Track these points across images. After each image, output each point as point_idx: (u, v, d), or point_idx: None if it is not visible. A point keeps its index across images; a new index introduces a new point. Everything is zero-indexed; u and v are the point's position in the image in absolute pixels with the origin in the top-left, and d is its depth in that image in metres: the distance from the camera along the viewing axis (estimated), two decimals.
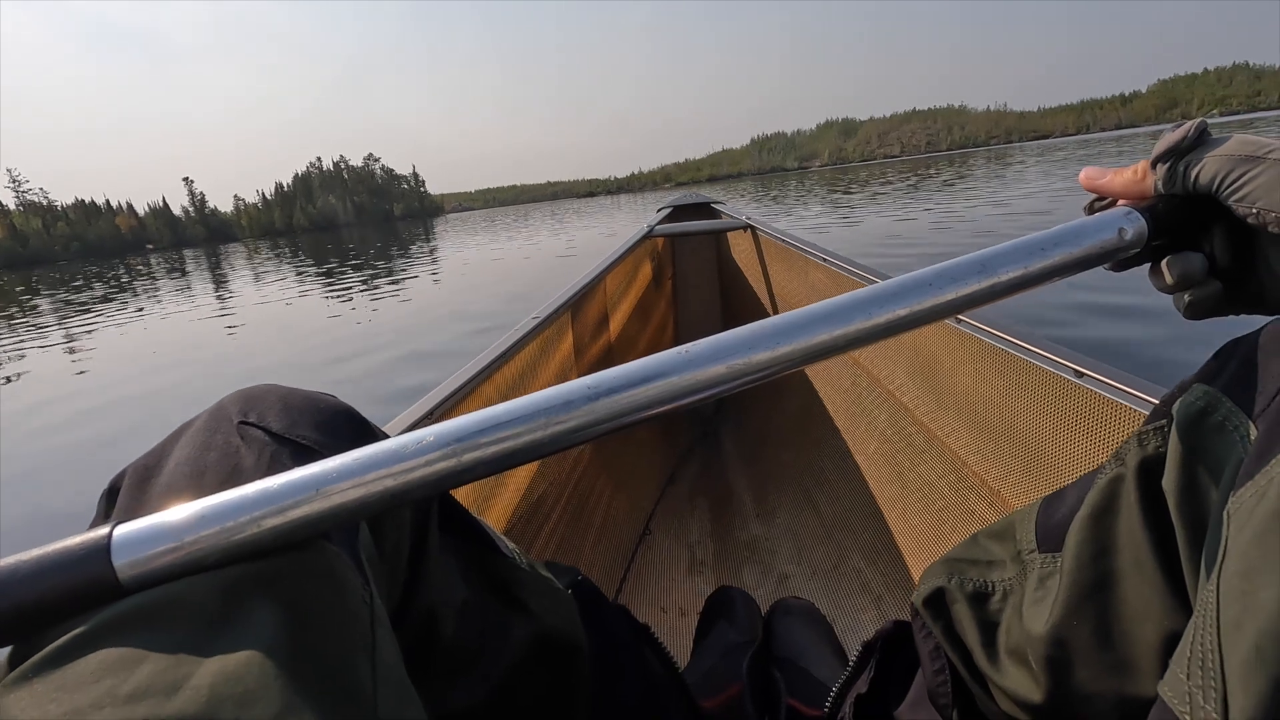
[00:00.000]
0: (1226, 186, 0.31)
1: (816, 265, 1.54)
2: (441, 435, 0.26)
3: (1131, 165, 0.36)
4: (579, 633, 0.45)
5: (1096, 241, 0.32)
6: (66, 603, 0.23)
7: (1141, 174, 0.36)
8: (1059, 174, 14.22)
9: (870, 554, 1.13)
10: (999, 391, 0.80)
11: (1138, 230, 0.33)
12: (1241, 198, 0.31)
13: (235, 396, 0.33)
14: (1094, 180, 0.38)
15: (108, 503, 0.30)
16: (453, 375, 0.79)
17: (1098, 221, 0.33)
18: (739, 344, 0.29)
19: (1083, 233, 0.32)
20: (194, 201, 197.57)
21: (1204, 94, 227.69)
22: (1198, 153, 0.33)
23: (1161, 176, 0.34)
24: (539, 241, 14.25)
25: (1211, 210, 0.33)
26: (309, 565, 0.26)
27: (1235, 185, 0.31)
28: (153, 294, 12.76)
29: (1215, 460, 0.29)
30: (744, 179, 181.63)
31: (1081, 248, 0.32)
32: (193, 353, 5.60)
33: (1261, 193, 0.30)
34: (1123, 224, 0.33)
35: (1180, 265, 0.34)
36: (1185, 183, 0.33)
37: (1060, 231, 0.32)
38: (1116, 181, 0.37)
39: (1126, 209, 0.34)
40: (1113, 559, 0.35)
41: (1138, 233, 0.33)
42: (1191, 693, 0.23)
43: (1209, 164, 0.32)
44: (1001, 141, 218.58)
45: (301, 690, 0.22)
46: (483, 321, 5.18)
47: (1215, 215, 0.33)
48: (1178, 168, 0.33)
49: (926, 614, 0.46)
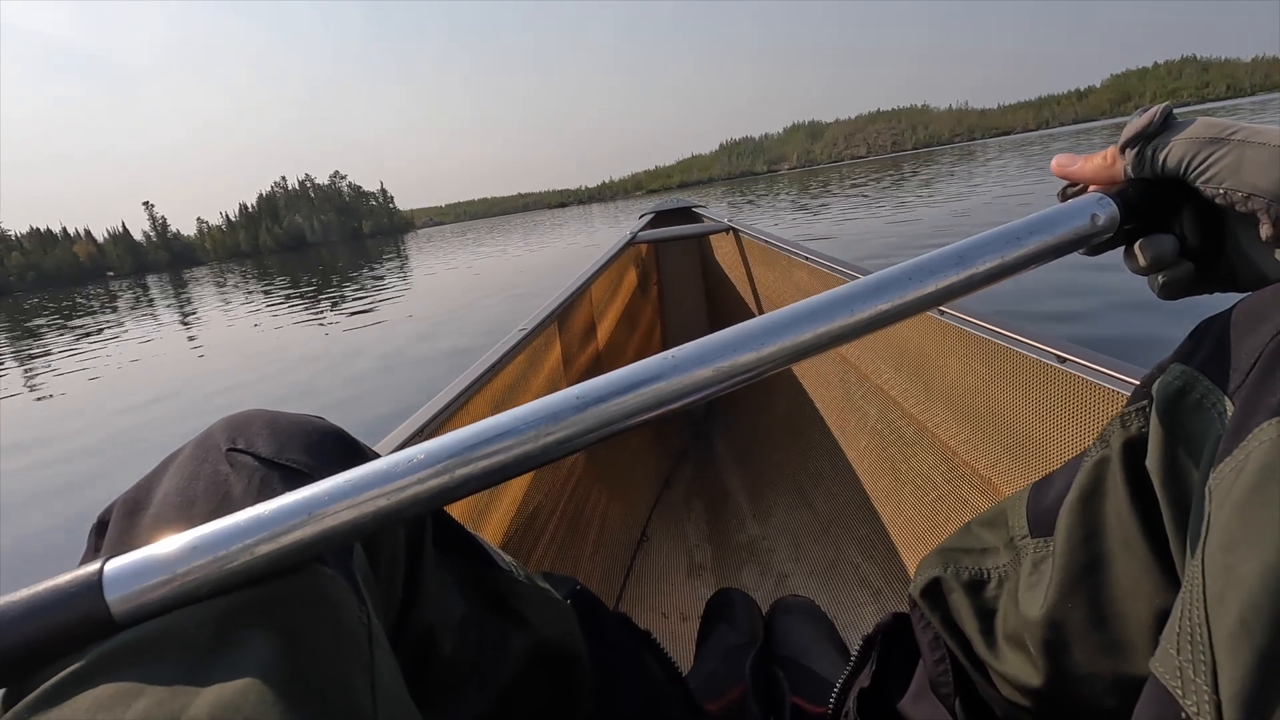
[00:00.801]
0: (1194, 169, 0.32)
1: (800, 264, 1.55)
2: (432, 453, 0.26)
3: (1101, 151, 0.37)
4: (578, 643, 0.45)
5: (1070, 228, 0.33)
6: (59, 641, 0.23)
7: (1111, 159, 0.36)
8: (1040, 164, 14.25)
9: (867, 548, 1.14)
10: (985, 380, 0.81)
11: (1109, 215, 0.33)
12: (1208, 179, 0.31)
13: (222, 423, 0.33)
14: (1065, 167, 0.39)
15: (97, 536, 0.29)
16: (442, 391, 0.79)
17: (1070, 208, 0.34)
18: (724, 346, 0.29)
19: (1056, 220, 0.33)
20: (155, 226, 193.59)
21: (1155, 87, 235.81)
22: (1164, 137, 0.33)
23: (1130, 161, 0.35)
24: (518, 255, 14.13)
25: (1180, 192, 0.34)
26: (303, 589, 0.25)
27: (1202, 167, 0.32)
28: (117, 324, 12.45)
29: (1195, 438, 0.29)
30: (714, 184, 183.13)
31: (1056, 235, 0.33)
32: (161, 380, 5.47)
33: (1227, 173, 0.31)
34: (1095, 210, 0.33)
35: (1152, 248, 0.35)
36: (1154, 166, 0.34)
37: (1035, 220, 0.33)
38: (1087, 168, 0.37)
39: (1098, 195, 0.34)
40: (1102, 541, 0.35)
41: (1110, 218, 0.33)
42: (1182, 667, 0.23)
43: (1175, 147, 0.32)
44: (965, 139, 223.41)
45: (301, 715, 0.21)
46: (461, 340, 5.10)
47: (1184, 197, 0.34)
48: (1145, 152, 0.34)
49: (924, 605, 0.46)
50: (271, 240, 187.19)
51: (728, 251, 2.19)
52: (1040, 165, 13.87)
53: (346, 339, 6.12)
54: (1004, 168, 14.95)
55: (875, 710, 0.51)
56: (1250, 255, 0.33)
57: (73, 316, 15.13)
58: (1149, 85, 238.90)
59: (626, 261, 2.06)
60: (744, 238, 2.03)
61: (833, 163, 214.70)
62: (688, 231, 2.20)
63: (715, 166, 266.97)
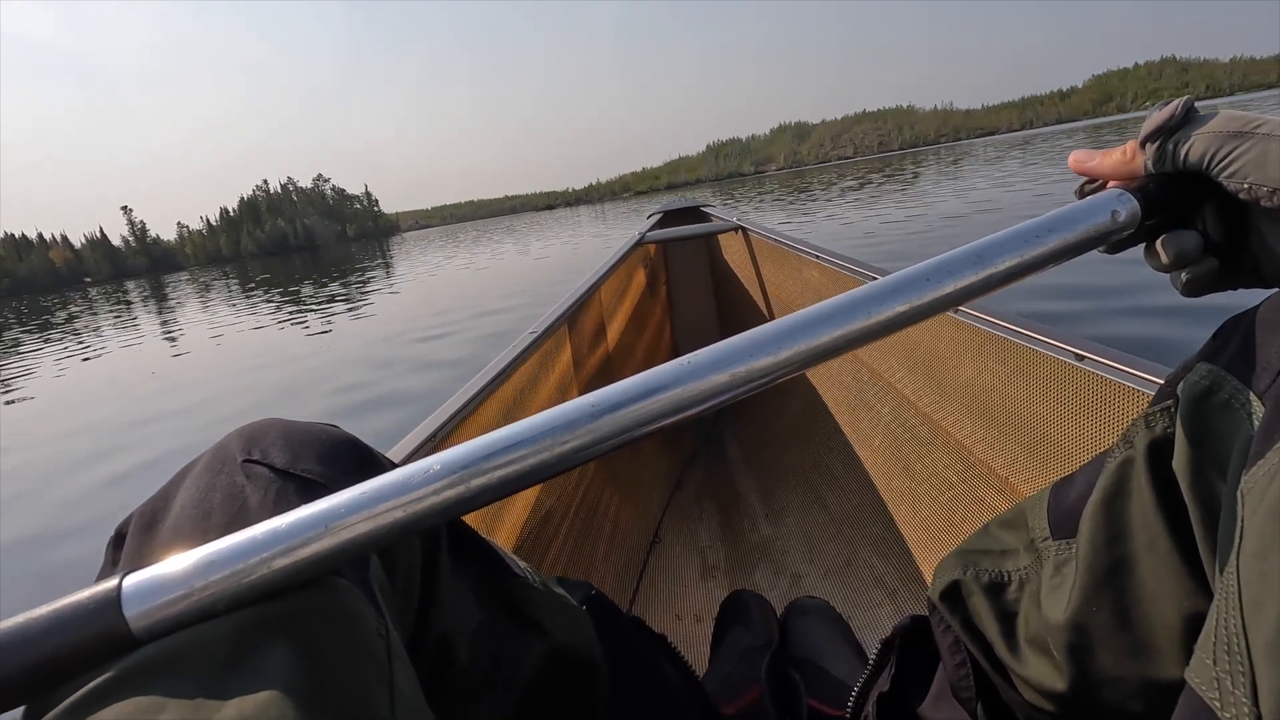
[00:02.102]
0: (1216, 163, 0.31)
1: (810, 263, 1.54)
2: (448, 463, 0.26)
3: (1120, 146, 0.36)
4: (594, 648, 0.45)
5: (1090, 225, 0.32)
6: (79, 658, 0.23)
7: (1130, 154, 0.35)
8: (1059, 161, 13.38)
9: (882, 549, 1.13)
10: (1001, 379, 0.80)
11: (1130, 211, 0.33)
12: (1231, 174, 0.31)
13: (237, 434, 0.33)
14: (1083, 163, 0.38)
15: (114, 549, 0.29)
16: (455, 394, 0.78)
17: (1090, 205, 0.33)
18: (741, 351, 0.28)
19: (1076, 217, 0.32)
20: (134, 231, 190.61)
21: (1136, 87, 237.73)
22: (1185, 130, 0.32)
23: (1151, 156, 0.34)
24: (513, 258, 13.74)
25: (1203, 187, 0.33)
26: (320, 603, 0.25)
27: (1224, 162, 0.31)
28: (94, 329, 12.17)
29: (1224, 439, 0.29)
30: (702, 185, 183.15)
31: (1075, 232, 0.32)
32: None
33: (1251, 168, 0.30)
34: (1115, 206, 0.33)
35: (1175, 244, 0.34)
36: (1175, 161, 0.33)
37: (1053, 217, 0.32)
38: (1106, 163, 0.36)
39: (1118, 190, 0.34)
40: (1127, 543, 0.35)
41: (1130, 214, 0.33)
42: (1219, 678, 0.23)
43: (1197, 142, 0.32)
44: (951, 139, 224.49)
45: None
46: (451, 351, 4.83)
47: (1207, 192, 0.33)
48: (1166, 146, 0.33)
49: (944, 608, 0.46)
50: (253, 244, 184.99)
51: (737, 251, 2.17)
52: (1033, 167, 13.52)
53: (311, 344, 5.95)
54: (1004, 170, 13.96)
55: (895, 714, 0.51)
56: (1276, 250, 0.32)
57: (47, 325, 14.70)
58: (1130, 85, 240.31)
59: (635, 262, 2.05)
60: (753, 236, 2.01)
61: (820, 164, 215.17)
62: (696, 231, 2.19)
63: (703, 168, 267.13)
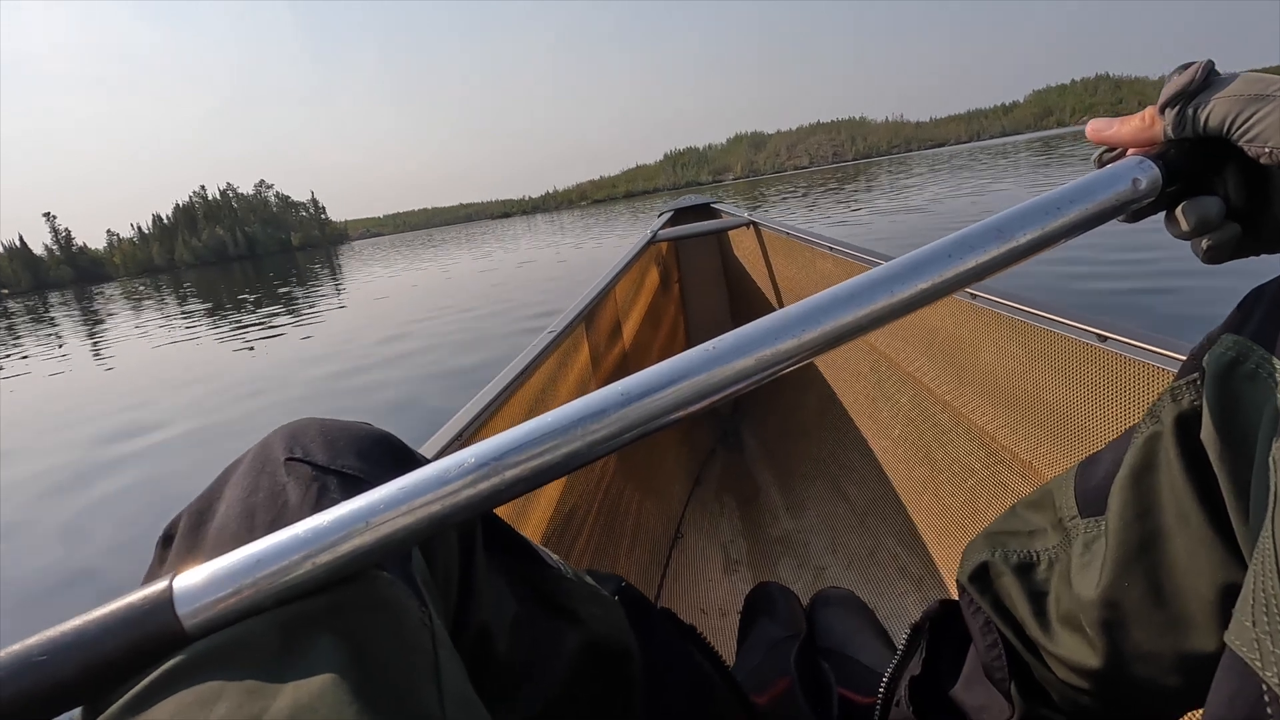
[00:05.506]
0: (1237, 127, 0.30)
1: (823, 255, 1.54)
2: (482, 455, 0.26)
3: (1139, 113, 0.36)
4: (629, 639, 0.45)
5: (1110, 194, 0.32)
6: (135, 657, 0.23)
7: (1149, 120, 0.35)
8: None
9: (906, 538, 1.13)
10: (1021, 363, 0.79)
11: (1151, 179, 0.32)
12: (1253, 138, 0.30)
13: (280, 433, 0.33)
14: (1101, 132, 0.37)
15: (163, 548, 0.30)
16: (477, 395, 0.79)
17: (1110, 174, 0.32)
18: (764, 334, 0.29)
19: (1095, 186, 0.32)
20: (58, 239, 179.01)
21: (1074, 102, 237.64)
22: (1205, 94, 0.32)
23: (1170, 121, 0.33)
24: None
25: (1224, 152, 0.32)
26: (365, 596, 0.26)
27: (1246, 126, 0.30)
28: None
29: (1252, 409, 0.29)
30: (660, 194, 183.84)
31: (1096, 202, 0.32)
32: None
33: (1273, 132, 0.29)
34: (1135, 173, 0.32)
35: (1196, 210, 0.33)
36: (1195, 126, 0.32)
37: (1073, 188, 0.32)
38: (1124, 130, 0.36)
39: (1138, 158, 0.33)
40: (1158, 517, 0.35)
41: (1151, 181, 0.32)
42: (1259, 639, 0.23)
43: (1217, 106, 0.31)
44: (902, 150, 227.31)
45: (374, 715, 0.22)
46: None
47: (1228, 156, 0.33)
48: (1186, 111, 0.32)
49: (973, 589, 0.46)
50: (189, 254, 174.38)
51: (748, 246, 2.18)
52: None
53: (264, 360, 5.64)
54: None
55: (927, 698, 0.51)
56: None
57: None
58: (1068, 100, 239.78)
59: (648, 261, 2.06)
60: (764, 231, 2.02)
61: (776, 173, 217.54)
62: (707, 228, 2.20)
63: (660, 177, 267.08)
